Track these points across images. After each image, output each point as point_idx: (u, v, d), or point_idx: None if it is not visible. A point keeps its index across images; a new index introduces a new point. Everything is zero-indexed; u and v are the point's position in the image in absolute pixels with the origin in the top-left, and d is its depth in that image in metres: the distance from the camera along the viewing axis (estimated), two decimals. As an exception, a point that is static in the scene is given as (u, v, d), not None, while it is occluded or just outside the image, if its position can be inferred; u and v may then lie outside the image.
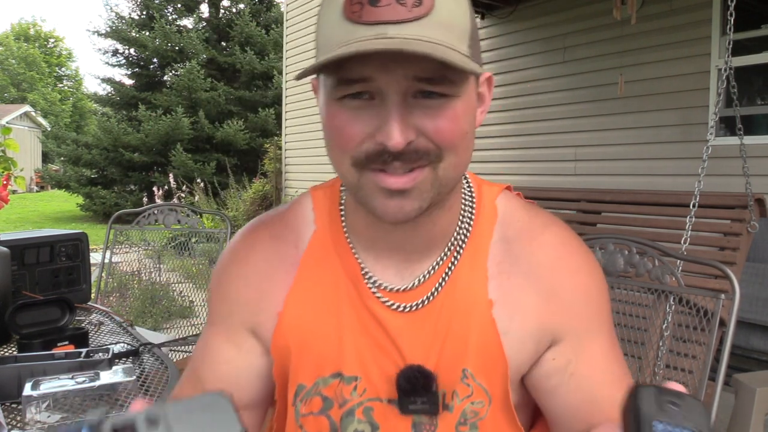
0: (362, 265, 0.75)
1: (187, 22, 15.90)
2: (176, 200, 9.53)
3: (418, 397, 0.71)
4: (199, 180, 10.35)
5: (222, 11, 15.84)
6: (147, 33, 14.77)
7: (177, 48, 14.54)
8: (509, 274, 0.74)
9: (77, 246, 1.84)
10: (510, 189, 0.82)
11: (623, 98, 4.32)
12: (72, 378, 1.12)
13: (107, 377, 1.13)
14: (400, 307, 0.74)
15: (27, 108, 28.66)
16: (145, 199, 10.69)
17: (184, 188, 9.92)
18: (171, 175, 10.55)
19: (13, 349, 1.44)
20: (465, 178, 0.80)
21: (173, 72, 14.79)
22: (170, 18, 15.53)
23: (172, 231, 2.71)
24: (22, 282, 1.70)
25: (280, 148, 9.28)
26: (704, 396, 1.36)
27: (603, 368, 0.75)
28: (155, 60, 15.19)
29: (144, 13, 15.58)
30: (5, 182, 2.05)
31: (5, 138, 2.31)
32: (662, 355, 1.80)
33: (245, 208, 9.17)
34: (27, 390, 1.06)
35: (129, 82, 15.57)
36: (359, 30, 0.59)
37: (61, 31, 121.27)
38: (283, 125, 9.18)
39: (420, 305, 0.73)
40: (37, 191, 22.85)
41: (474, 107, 0.68)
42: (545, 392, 0.75)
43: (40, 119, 29.78)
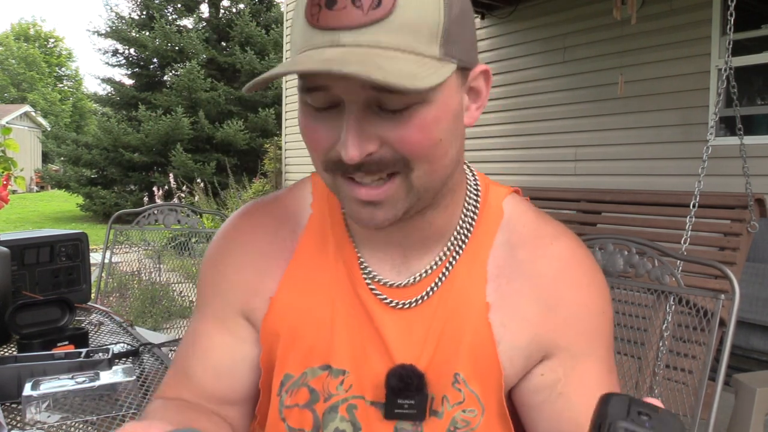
0: (359, 257, 0.73)
1: (187, 22, 15.90)
2: (176, 200, 9.53)
3: (406, 400, 0.68)
4: (199, 180, 10.35)
5: (222, 11, 15.83)
6: (147, 33, 14.77)
7: (177, 48, 14.54)
8: (509, 279, 0.71)
9: (77, 246, 1.84)
10: (519, 192, 0.79)
11: (623, 98, 4.32)
12: (72, 378, 1.12)
13: (107, 377, 1.13)
14: (394, 303, 0.71)
15: (27, 108, 28.66)
16: (145, 199, 10.69)
17: (184, 188, 9.92)
18: (171, 175, 10.55)
19: (13, 349, 1.44)
20: (473, 175, 0.76)
21: (173, 72, 14.79)
22: (170, 18, 15.52)
23: (172, 231, 2.71)
24: (22, 282, 1.70)
25: (280, 148, 9.28)
26: (704, 396, 1.36)
27: (594, 392, 0.70)
28: (155, 60, 15.18)
29: (144, 13, 15.58)
30: (5, 182, 2.05)
31: (5, 138, 2.31)
32: (662, 355, 1.80)
33: (245, 208, 9.16)
34: (27, 390, 1.06)
35: (129, 82, 15.57)
36: (315, 36, 0.56)
37: (61, 31, 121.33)
38: (283, 125, 9.18)
39: (414, 303, 0.71)
40: (37, 191, 22.85)
41: (454, 109, 0.61)
42: (530, 408, 0.71)
43: (40, 119, 29.77)
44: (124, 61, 15.55)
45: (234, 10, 15.82)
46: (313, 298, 0.72)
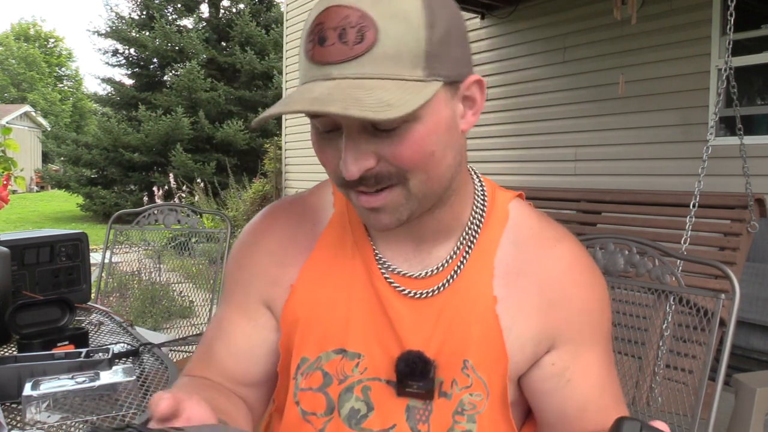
0: (375, 249, 0.79)
1: (187, 22, 15.91)
2: (176, 200, 9.53)
3: (415, 382, 0.74)
4: (199, 180, 10.35)
5: (222, 11, 15.83)
6: (147, 33, 14.77)
7: (177, 48, 14.54)
8: (517, 275, 0.77)
9: (77, 246, 1.84)
10: (522, 196, 0.85)
11: (623, 98, 4.32)
12: (72, 378, 1.12)
13: (107, 377, 1.13)
14: (406, 292, 0.76)
15: (27, 108, 28.65)
16: (145, 199, 10.70)
17: (184, 188, 9.93)
18: (171, 175, 10.55)
19: (13, 349, 1.44)
20: (479, 180, 0.82)
21: (173, 72, 14.79)
22: (170, 18, 15.53)
23: (172, 231, 2.71)
24: (22, 282, 1.70)
25: (280, 148, 9.28)
26: (704, 396, 1.36)
27: (596, 379, 0.78)
28: (155, 60, 15.19)
29: (144, 13, 15.58)
30: (5, 182, 2.05)
31: (5, 138, 2.31)
32: (662, 355, 1.80)
33: (245, 208, 9.17)
34: (27, 390, 1.06)
35: (129, 82, 15.58)
36: (312, 69, 0.63)
37: (61, 31, 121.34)
38: (283, 125, 9.18)
39: (428, 294, 0.76)
40: (37, 191, 22.85)
41: (445, 121, 0.66)
42: (540, 395, 0.78)
43: (40, 119, 29.77)
44: (124, 61, 15.55)
45: (234, 10, 15.82)
46: (331, 287, 0.78)
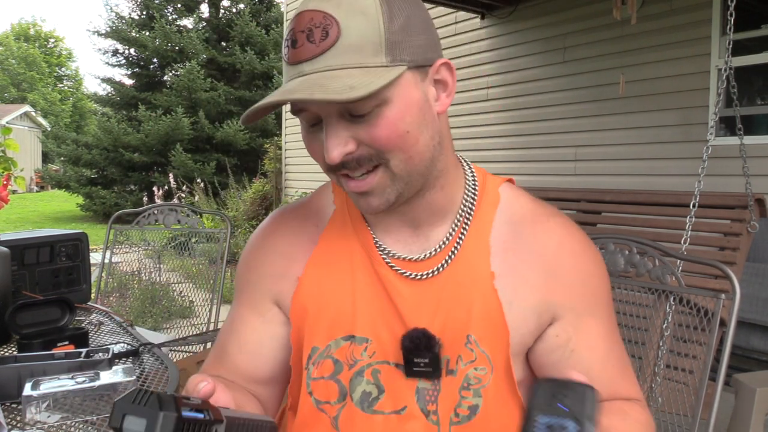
0: (375, 237, 0.83)
1: (187, 22, 15.90)
2: (176, 200, 9.53)
3: (421, 359, 0.76)
4: (199, 180, 10.34)
5: (222, 11, 15.83)
6: (147, 33, 14.76)
7: (177, 48, 14.53)
8: (514, 251, 0.80)
9: (77, 246, 1.84)
10: (512, 182, 0.88)
11: (623, 98, 4.32)
12: (72, 378, 1.12)
13: (107, 377, 1.13)
14: (408, 274, 0.80)
15: (27, 108, 28.64)
16: (145, 199, 10.69)
17: (184, 188, 9.92)
18: (171, 175, 10.55)
19: (13, 349, 1.44)
20: (469, 167, 0.86)
21: (173, 72, 14.78)
22: (170, 18, 15.52)
23: (172, 231, 2.71)
24: (22, 282, 1.69)
25: (280, 148, 9.28)
26: (704, 396, 1.35)
27: (600, 347, 0.80)
28: (155, 60, 15.18)
29: (144, 13, 15.57)
30: (5, 182, 2.05)
31: (5, 138, 2.31)
32: (662, 355, 1.80)
33: (245, 208, 9.16)
34: (27, 390, 1.06)
35: (129, 82, 15.56)
36: (289, 70, 0.70)
37: (61, 31, 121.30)
38: (283, 125, 9.18)
39: (428, 275, 0.80)
40: (37, 191, 22.85)
41: (417, 102, 0.71)
42: (548, 368, 0.80)
43: (40, 119, 29.76)
44: (124, 61, 15.54)
45: (234, 10, 15.81)
46: (336, 276, 0.82)
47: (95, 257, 3.12)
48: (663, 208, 3.28)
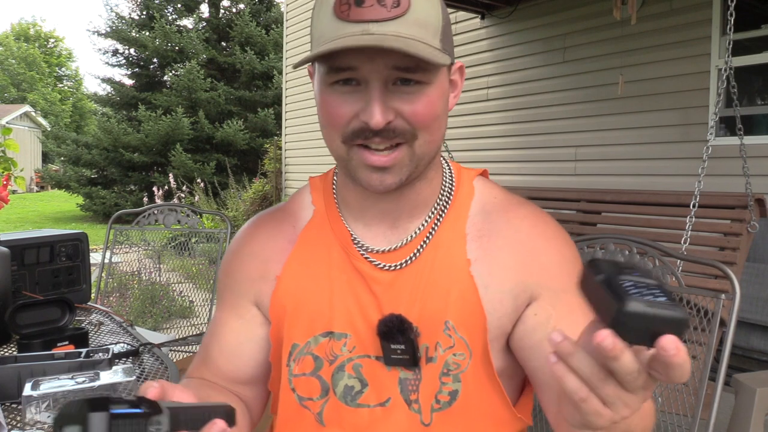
0: (352, 233, 0.85)
1: (187, 22, 15.91)
2: (176, 200, 9.53)
3: (397, 345, 0.77)
4: (199, 180, 10.35)
5: (222, 11, 15.83)
6: (147, 33, 14.77)
7: (177, 48, 14.54)
8: (489, 237, 0.82)
9: (77, 246, 1.84)
10: (486, 174, 0.91)
11: (623, 98, 4.32)
12: (72, 378, 1.12)
13: (107, 377, 1.13)
14: (386, 266, 0.82)
15: (27, 108, 28.64)
16: (145, 199, 10.70)
17: (184, 188, 9.92)
18: (171, 175, 10.55)
19: (13, 349, 1.44)
20: (445, 161, 0.89)
21: (173, 72, 14.79)
22: (170, 18, 15.52)
23: (172, 231, 2.71)
24: (22, 282, 1.70)
25: (280, 148, 9.28)
26: (704, 396, 1.35)
27: (583, 320, 0.79)
28: (155, 60, 15.18)
29: (144, 13, 15.57)
30: (5, 182, 2.05)
31: (5, 138, 2.31)
32: (662, 355, 1.79)
33: (245, 208, 9.17)
34: (27, 390, 1.06)
35: (129, 82, 15.56)
36: (347, 27, 0.69)
37: (61, 31, 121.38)
38: (283, 125, 9.18)
39: (404, 264, 0.81)
40: (37, 191, 22.84)
41: (446, 93, 0.77)
42: (531, 349, 0.79)
43: (40, 119, 29.75)
44: (124, 61, 15.55)
45: (234, 10, 15.82)
46: (314, 274, 0.84)
47: (95, 257, 3.12)
48: (663, 208, 3.27)
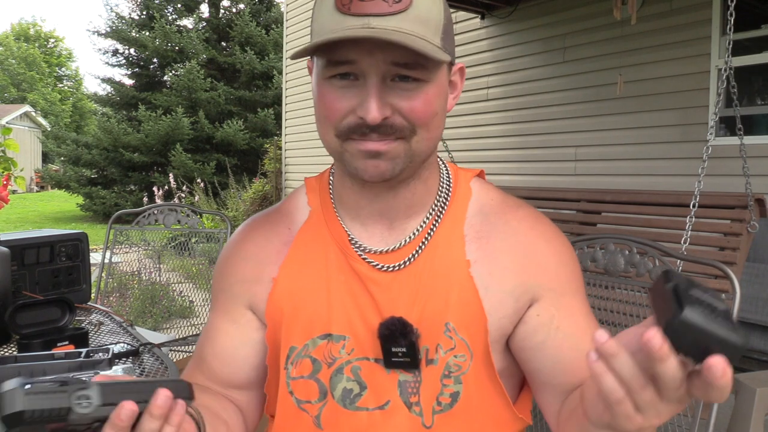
0: (349, 233, 0.83)
1: (187, 22, 15.91)
2: (176, 200, 9.53)
3: (398, 347, 0.76)
4: (199, 180, 10.35)
5: (222, 11, 15.83)
6: (147, 33, 14.77)
7: (177, 48, 14.54)
8: (488, 239, 0.82)
9: (77, 246, 1.84)
10: (483, 175, 0.91)
11: (623, 98, 4.32)
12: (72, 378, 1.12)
13: (107, 377, 1.13)
14: (385, 267, 0.81)
15: (27, 108, 28.64)
16: (145, 199, 10.70)
17: (184, 188, 9.92)
18: (171, 175, 10.55)
19: (13, 349, 1.44)
20: (442, 162, 0.89)
21: (173, 72, 14.79)
22: (170, 18, 15.52)
23: (172, 231, 2.71)
24: (22, 282, 1.69)
25: (280, 148, 9.28)
26: (704, 396, 1.35)
27: (584, 322, 0.80)
28: (155, 60, 15.18)
29: (144, 13, 15.57)
30: (5, 182, 2.05)
31: (5, 138, 2.31)
32: (662, 355, 1.79)
33: (245, 208, 9.17)
34: (27, 390, 1.06)
35: (129, 82, 15.57)
36: (348, 20, 0.69)
37: (61, 31, 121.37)
38: (283, 125, 9.18)
39: (403, 265, 0.81)
40: (37, 191, 22.84)
41: (445, 92, 0.77)
42: (534, 350, 0.79)
43: (40, 119, 29.74)
44: (124, 61, 15.55)
45: (234, 10, 15.82)
46: (311, 276, 0.83)
47: (95, 257, 3.12)
48: (663, 208, 3.27)
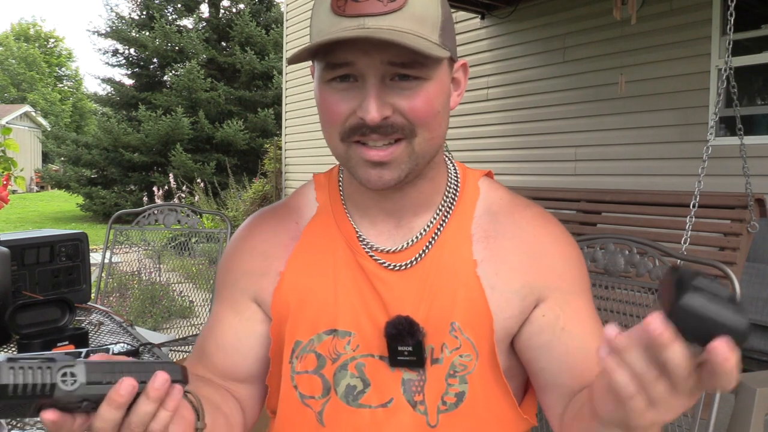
0: (357, 230, 0.84)
1: (187, 22, 15.91)
2: (176, 200, 9.53)
3: (405, 346, 0.76)
4: (199, 180, 10.35)
5: (222, 11, 15.83)
6: (147, 33, 14.77)
7: (177, 48, 14.54)
8: (495, 238, 0.82)
9: (77, 246, 1.84)
10: (491, 175, 0.91)
11: (623, 98, 4.32)
12: (72, 378, 1.11)
13: (107, 377, 1.13)
14: (392, 266, 0.81)
15: (27, 108, 28.65)
16: (145, 199, 10.69)
17: (184, 188, 9.92)
18: (171, 175, 10.55)
19: (13, 349, 1.44)
20: (450, 161, 0.89)
21: (173, 72, 14.79)
22: (170, 18, 15.53)
23: (172, 231, 2.71)
24: (22, 282, 1.69)
25: (280, 148, 9.28)
26: (704, 396, 1.35)
27: (589, 322, 0.80)
28: (155, 60, 15.18)
29: (144, 13, 15.58)
30: (5, 182, 2.05)
31: (5, 138, 2.31)
32: (662, 355, 1.79)
33: (245, 208, 9.17)
34: (27, 390, 1.06)
35: (129, 82, 15.57)
36: (343, 22, 0.69)
37: (61, 31, 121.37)
38: (283, 125, 9.18)
39: (410, 264, 0.81)
40: (37, 191, 22.84)
41: (447, 90, 0.76)
42: (539, 350, 0.79)
43: (40, 119, 29.75)
44: (124, 61, 15.55)
45: (234, 10, 15.82)
46: (318, 271, 0.82)
47: (95, 257, 3.11)
48: (663, 208, 3.27)
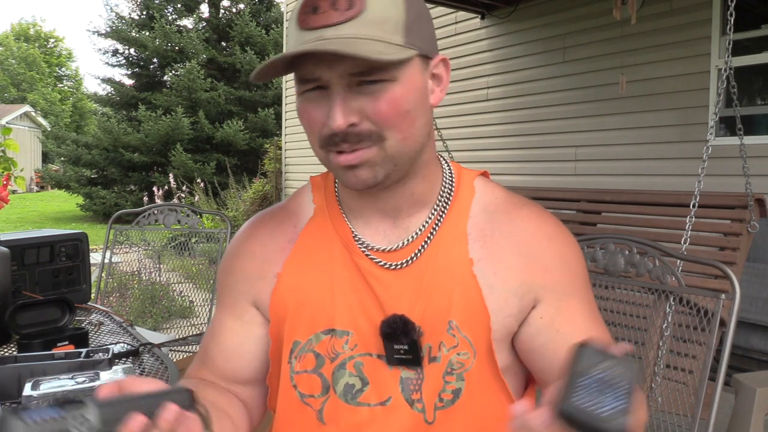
0: (353, 230, 0.85)
1: (187, 22, 15.90)
2: (176, 200, 9.53)
3: (400, 345, 0.77)
4: (199, 180, 10.35)
5: (222, 11, 15.83)
6: (147, 33, 14.76)
7: (177, 48, 14.53)
8: (492, 237, 0.82)
9: (77, 246, 1.84)
10: (487, 175, 0.91)
11: (623, 98, 4.32)
12: (72, 378, 1.12)
13: (107, 377, 1.13)
14: (388, 265, 0.82)
15: (27, 108, 28.64)
16: (145, 199, 10.69)
17: (184, 188, 9.92)
18: (171, 175, 10.55)
19: (13, 349, 1.44)
20: (444, 161, 0.89)
21: (173, 72, 14.78)
22: (170, 18, 15.52)
23: (172, 231, 2.71)
24: (22, 282, 1.70)
25: (280, 148, 9.28)
26: (704, 396, 1.35)
27: (583, 326, 0.81)
28: (155, 60, 15.18)
29: (144, 13, 15.57)
30: (5, 182, 2.05)
31: (5, 138, 2.31)
32: (662, 355, 1.80)
33: (245, 208, 9.17)
34: (27, 390, 1.06)
35: (129, 82, 15.56)
36: (305, 35, 0.72)
37: (61, 31, 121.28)
38: (283, 125, 9.18)
39: (406, 263, 0.82)
40: (37, 191, 22.84)
41: (419, 87, 0.76)
42: (535, 352, 0.81)
43: (40, 119, 29.73)
44: (124, 61, 15.55)
45: (234, 10, 15.81)
46: (315, 271, 0.84)
47: (95, 257, 3.11)
48: (663, 208, 3.27)
